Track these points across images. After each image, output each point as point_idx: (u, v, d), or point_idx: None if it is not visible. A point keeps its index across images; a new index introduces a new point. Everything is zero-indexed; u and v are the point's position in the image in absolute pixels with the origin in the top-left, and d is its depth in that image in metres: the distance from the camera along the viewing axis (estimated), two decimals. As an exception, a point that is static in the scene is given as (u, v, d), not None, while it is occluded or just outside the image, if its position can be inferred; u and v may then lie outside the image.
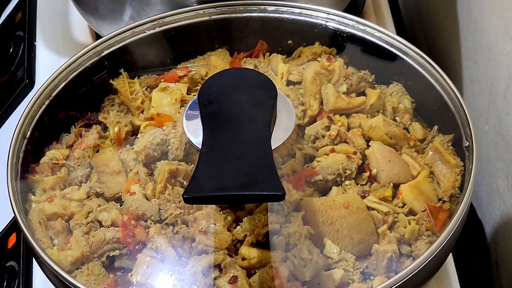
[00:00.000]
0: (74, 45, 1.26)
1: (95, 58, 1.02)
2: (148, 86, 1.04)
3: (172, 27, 1.06)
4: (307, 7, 1.02)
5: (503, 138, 1.04)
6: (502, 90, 1.02)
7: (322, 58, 1.00)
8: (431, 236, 0.85)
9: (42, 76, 1.20)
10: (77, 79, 1.01)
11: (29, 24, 1.28)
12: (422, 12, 1.39)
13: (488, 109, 1.09)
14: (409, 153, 0.92)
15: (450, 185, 0.89)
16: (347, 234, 0.85)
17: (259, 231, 0.84)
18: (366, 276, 0.85)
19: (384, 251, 0.84)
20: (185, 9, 1.05)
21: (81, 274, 0.85)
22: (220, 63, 1.04)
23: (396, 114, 0.98)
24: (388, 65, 1.00)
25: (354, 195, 0.88)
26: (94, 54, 1.02)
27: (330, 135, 0.92)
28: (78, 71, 1.01)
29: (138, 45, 1.05)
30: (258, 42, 1.05)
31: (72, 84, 1.01)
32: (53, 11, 1.31)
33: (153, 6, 1.09)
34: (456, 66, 1.20)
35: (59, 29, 1.28)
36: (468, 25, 1.15)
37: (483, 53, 1.08)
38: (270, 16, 1.05)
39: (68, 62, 1.00)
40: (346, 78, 0.99)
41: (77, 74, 1.01)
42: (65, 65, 1.00)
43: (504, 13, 0.99)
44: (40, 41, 1.26)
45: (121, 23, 1.12)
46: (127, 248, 0.87)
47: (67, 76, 1.00)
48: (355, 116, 0.95)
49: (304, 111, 0.95)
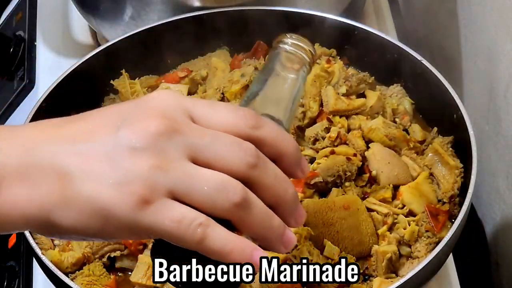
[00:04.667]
0: (74, 45, 1.26)
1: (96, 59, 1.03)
2: (149, 87, 1.04)
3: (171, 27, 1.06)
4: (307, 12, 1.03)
5: (503, 138, 1.04)
6: (502, 90, 1.02)
7: (321, 60, 1.00)
8: (431, 237, 0.86)
9: (42, 76, 1.20)
10: (78, 79, 1.01)
11: (29, 24, 1.28)
12: (422, 12, 1.39)
13: (488, 109, 1.08)
14: (408, 155, 0.92)
15: (450, 186, 0.89)
16: (347, 235, 0.85)
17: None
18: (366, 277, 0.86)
19: (384, 252, 0.84)
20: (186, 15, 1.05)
21: (82, 274, 0.85)
22: (221, 64, 1.04)
23: (396, 115, 0.98)
24: (388, 66, 1.00)
25: (354, 196, 0.88)
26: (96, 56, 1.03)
27: (330, 136, 0.92)
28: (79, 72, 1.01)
29: (139, 45, 1.06)
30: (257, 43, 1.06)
31: (73, 84, 1.01)
32: (53, 11, 1.30)
33: (153, 6, 1.09)
34: (456, 66, 1.20)
35: (59, 29, 1.28)
36: (468, 25, 1.14)
37: (483, 53, 1.08)
38: (270, 17, 1.05)
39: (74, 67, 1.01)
40: (345, 80, 0.99)
41: (79, 75, 1.01)
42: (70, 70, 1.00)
43: (504, 13, 0.99)
44: (40, 41, 1.25)
45: (121, 23, 1.12)
46: (128, 249, 0.87)
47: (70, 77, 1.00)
48: (355, 118, 0.95)
49: (304, 113, 0.95)
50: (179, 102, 0.60)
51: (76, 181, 0.57)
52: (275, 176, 0.61)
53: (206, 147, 0.58)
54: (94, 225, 0.57)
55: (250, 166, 0.59)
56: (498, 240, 1.11)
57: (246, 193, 0.58)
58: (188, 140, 0.58)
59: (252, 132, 0.61)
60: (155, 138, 0.57)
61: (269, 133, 0.62)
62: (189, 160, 0.58)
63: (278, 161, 0.62)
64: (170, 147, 0.57)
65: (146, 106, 0.60)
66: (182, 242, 0.57)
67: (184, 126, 0.59)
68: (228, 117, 0.61)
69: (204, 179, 0.57)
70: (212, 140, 0.59)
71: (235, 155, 0.59)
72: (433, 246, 0.85)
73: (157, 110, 0.59)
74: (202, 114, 0.61)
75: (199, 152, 0.58)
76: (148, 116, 0.58)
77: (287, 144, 0.63)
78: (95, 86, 1.04)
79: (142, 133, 0.57)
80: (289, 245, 0.62)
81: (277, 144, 0.62)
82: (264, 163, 0.60)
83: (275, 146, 0.62)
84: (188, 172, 0.57)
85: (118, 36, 1.05)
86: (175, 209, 0.57)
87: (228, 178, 0.58)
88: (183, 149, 0.58)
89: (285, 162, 0.62)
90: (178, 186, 0.57)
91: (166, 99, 0.60)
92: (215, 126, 0.60)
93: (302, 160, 0.64)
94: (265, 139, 0.61)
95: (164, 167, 0.57)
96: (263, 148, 0.61)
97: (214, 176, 0.58)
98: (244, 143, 0.59)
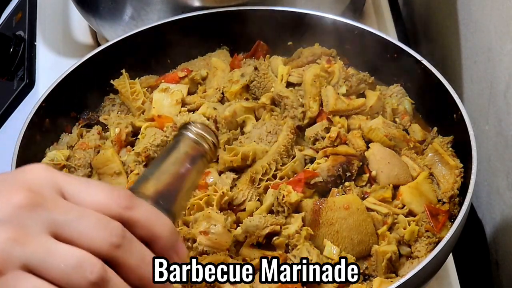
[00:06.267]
0: (74, 45, 1.26)
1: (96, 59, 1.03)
2: (149, 87, 1.04)
3: (172, 27, 1.06)
4: (307, 12, 1.03)
5: (503, 138, 1.04)
6: (502, 90, 1.02)
7: (322, 60, 1.00)
8: (431, 237, 0.85)
9: (42, 76, 1.20)
10: (78, 79, 1.01)
11: (29, 24, 1.28)
12: (422, 12, 1.39)
13: (488, 109, 1.08)
14: (408, 155, 0.92)
15: (450, 186, 0.89)
16: (347, 235, 0.85)
17: (259, 232, 0.84)
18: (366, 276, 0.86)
19: (383, 252, 0.84)
20: (186, 15, 1.05)
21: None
22: (221, 64, 1.04)
23: (396, 115, 0.98)
24: (388, 66, 1.00)
25: (354, 196, 0.88)
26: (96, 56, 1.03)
27: (330, 136, 0.92)
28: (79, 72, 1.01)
29: (139, 45, 1.06)
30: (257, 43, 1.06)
31: (73, 84, 1.01)
32: (53, 11, 1.30)
33: (153, 6, 1.09)
34: (456, 66, 1.20)
35: (59, 29, 1.28)
36: (468, 25, 1.14)
37: (483, 53, 1.08)
38: (270, 17, 1.05)
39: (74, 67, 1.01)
40: (345, 80, 0.99)
41: (79, 75, 1.01)
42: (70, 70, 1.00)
43: (504, 13, 0.99)
44: (40, 41, 1.25)
45: (121, 23, 1.12)
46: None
47: (70, 77, 1.00)
48: (355, 118, 0.95)
49: (304, 113, 0.95)
50: (51, 178, 0.60)
51: None
52: (141, 258, 0.60)
53: (69, 223, 0.58)
54: None
55: (113, 246, 0.58)
56: (498, 240, 1.11)
57: (105, 271, 0.57)
58: (51, 215, 0.58)
59: (124, 212, 0.60)
60: (16, 210, 0.57)
61: (142, 215, 0.61)
62: (50, 235, 0.58)
63: (151, 243, 0.61)
64: (31, 220, 0.57)
65: (15, 179, 0.60)
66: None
67: (50, 201, 0.58)
68: (101, 196, 0.60)
69: (62, 254, 0.57)
70: (77, 216, 0.58)
71: (99, 234, 0.58)
72: (433, 246, 0.85)
73: (25, 184, 0.59)
74: (73, 190, 0.60)
75: (62, 228, 0.58)
76: (12, 189, 0.58)
77: (162, 226, 0.62)
78: (95, 86, 1.04)
79: (3, 205, 0.57)
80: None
81: (150, 226, 0.61)
82: (130, 243, 0.59)
83: (148, 228, 0.61)
84: (45, 246, 0.57)
85: (118, 36, 1.05)
86: (28, 281, 0.56)
87: (88, 255, 0.57)
88: (45, 224, 0.58)
89: (158, 245, 0.62)
90: (33, 260, 0.57)
91: (37, 173, 0.60)
92: (85, 203, 0.60)
93: (179, 243, 0.64)
94: (138, 220, 0.60)
95: (20, 240, 0.57)
96: (135, 229, 0.60)
97: (72, 252, 0.57)
98: (111, 222, 0.59)
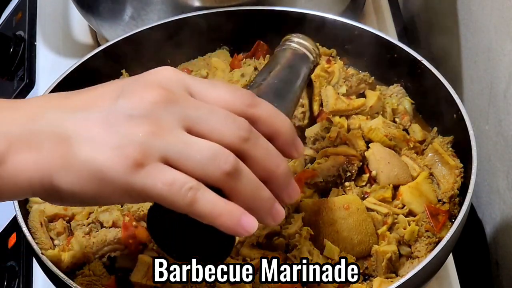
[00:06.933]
0: (74, 45, 1.26)
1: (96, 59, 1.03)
2: (148, 87, 1.04)
3: (172, 27, 1.06)
4: (307, 12, 1.03)
5: (503, 138, 1.04)
6: (502, 90, 1.02)
7: (321, 60, 1.00)
8: (431, 237, 0.86)
9: (42, 76, 1.20)
10: (78, 79, 1.01)
11: (29, 24, 1.28)
12: (422, 12, 1.39)
13: (488, 109, 1.08)
14: (408, 155, 0.92)
15: (450, 186, 0.89)
16: (347, 235, 0.85)
17: (259, 232, 0.84)
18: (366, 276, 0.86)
19: (383, 252, 0.84)
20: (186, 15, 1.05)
21: (82, 274, 0.85)
22: (221, 64, 1.04)
23: (396, 115, 0.98)
24: (388, 66, 1.00)
25: (354, 196, 0.88)
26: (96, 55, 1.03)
27: (330, 136, 0.92)
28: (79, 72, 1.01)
29: (139, 45, 1.06)
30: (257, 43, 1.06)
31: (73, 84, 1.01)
32: (53, 11, 1.30)
33: (153, 6, 1.09)
34: (456, 66, 1.20)
35: (59, 29, 1.28)
36: (468, 25, 1.14)
37: (483, 53, 1.08)
38: (270, 17, 1.05)
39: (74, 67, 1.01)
40: (345, 80, 0.99)
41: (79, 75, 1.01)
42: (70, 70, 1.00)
43: (504, 13, 0.99)
44: (40, 41, 1.25)
45: (121, 23, 1.12)
46: (128, 249, 0.87)
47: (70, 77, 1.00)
48: (354, 118, 0.95)
49: (304, 113, 0.96)
50: (179, 77, 0.63)
51: (75, 146, 0.60)
52: (267, 151, 0.63)
53: (200, 119, 0.61)
54: (91, 188, 0.60)
55: (242, 139, 0.61)
56: (498, 240, 1.11)
57: (237, 163, 0.60)
58: (184, 111, 0.61)
59: (248, 109, 0.63)
60: (152, 106, 0.60)
61: (264, 112, 0.64)
62: (184, 130, 0.60)
63: (272, 139, 0.64)
64: (166, 116, 0.60)
65: (146, 79, 0.63)
66: (173, 205, 0.59)
67: (181, 98, 0.61)
68: (226, 94, 0.63)
69: (197, 147, 0.60)
70: (207, 113, 0.61)
71: (228, 128, 0.61)
72: (433, 246, 0.85)
73: (156, 83, 0.62)
74: (200, 89, 0.63)
75: (194, 123, 0.61)
76: (146, 87, 0.61)
77: (282, 123, 0.65)
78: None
79: (139, 101, 0.60)
80: (278, 218, 0.64)
81: (272, 123, 0.64)
82: (256, 138, 0.62)
83: (270, 124, 0.64)
84: (182, 139, 0.60)
85: (118, 36, 1.05)
86: (167, 173, 0.59)
87: (220, 148, 0.60)
88: (179, 119, 0.60)
89: (279, 141, 0.65)
90: (171, 152, 0.59)
91: (166, 73, 0.63)
92: (212, 101, 0.63)
93: (297, 140, 0.67)
94: (260, 117, 0.64)
95: (158, 133, 0.59)
96: (258, 125, 0.63)
97: (207, 145, 0.60)
98: (238, 118, 0.62)
